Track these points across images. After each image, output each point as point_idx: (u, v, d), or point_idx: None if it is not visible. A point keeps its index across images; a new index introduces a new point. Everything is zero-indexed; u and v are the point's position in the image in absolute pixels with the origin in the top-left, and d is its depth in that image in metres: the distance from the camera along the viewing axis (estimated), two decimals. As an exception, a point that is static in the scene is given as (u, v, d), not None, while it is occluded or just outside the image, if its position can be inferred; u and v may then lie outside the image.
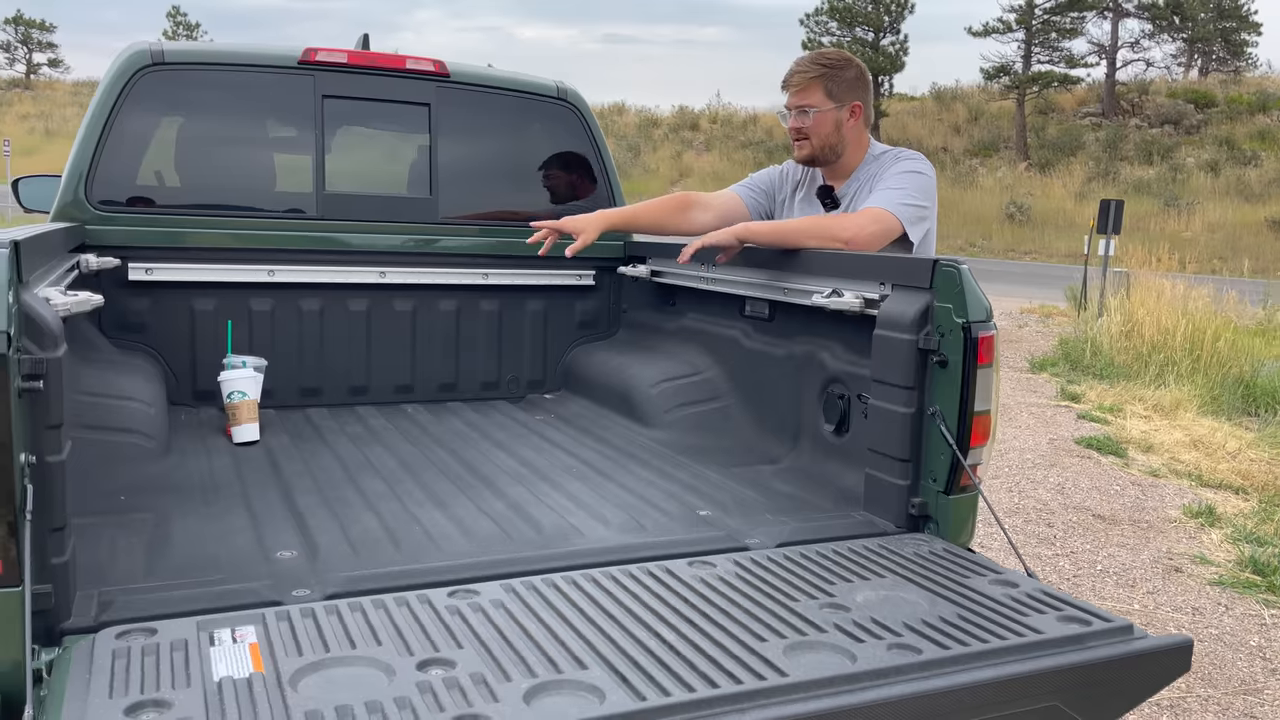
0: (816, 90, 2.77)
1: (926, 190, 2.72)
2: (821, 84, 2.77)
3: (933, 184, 2.76)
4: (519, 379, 3.66)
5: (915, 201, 2.67)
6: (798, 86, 2.80)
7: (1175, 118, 38.74)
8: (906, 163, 2.78)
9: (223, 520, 2.15)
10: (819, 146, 2.80)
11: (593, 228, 2.92)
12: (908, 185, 2.70)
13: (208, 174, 3.21)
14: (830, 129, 2.78)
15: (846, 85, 2.78)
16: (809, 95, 2.78)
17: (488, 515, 2.23)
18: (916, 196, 2.68)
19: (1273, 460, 6.76)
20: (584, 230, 2.91)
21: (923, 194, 2.70)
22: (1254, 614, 4.22)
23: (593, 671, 1.44)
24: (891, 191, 2.68)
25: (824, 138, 2.79)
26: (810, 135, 2.79)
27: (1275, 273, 17.88)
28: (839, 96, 2.78)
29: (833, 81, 2.77)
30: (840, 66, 2.79)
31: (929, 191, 2.73)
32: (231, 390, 2.85)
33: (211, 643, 1.51)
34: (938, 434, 2.17)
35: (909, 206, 2.66)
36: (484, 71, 3.55)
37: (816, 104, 2.78)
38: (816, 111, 2.77)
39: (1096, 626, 1.63)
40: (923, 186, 2.72)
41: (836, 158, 2.83)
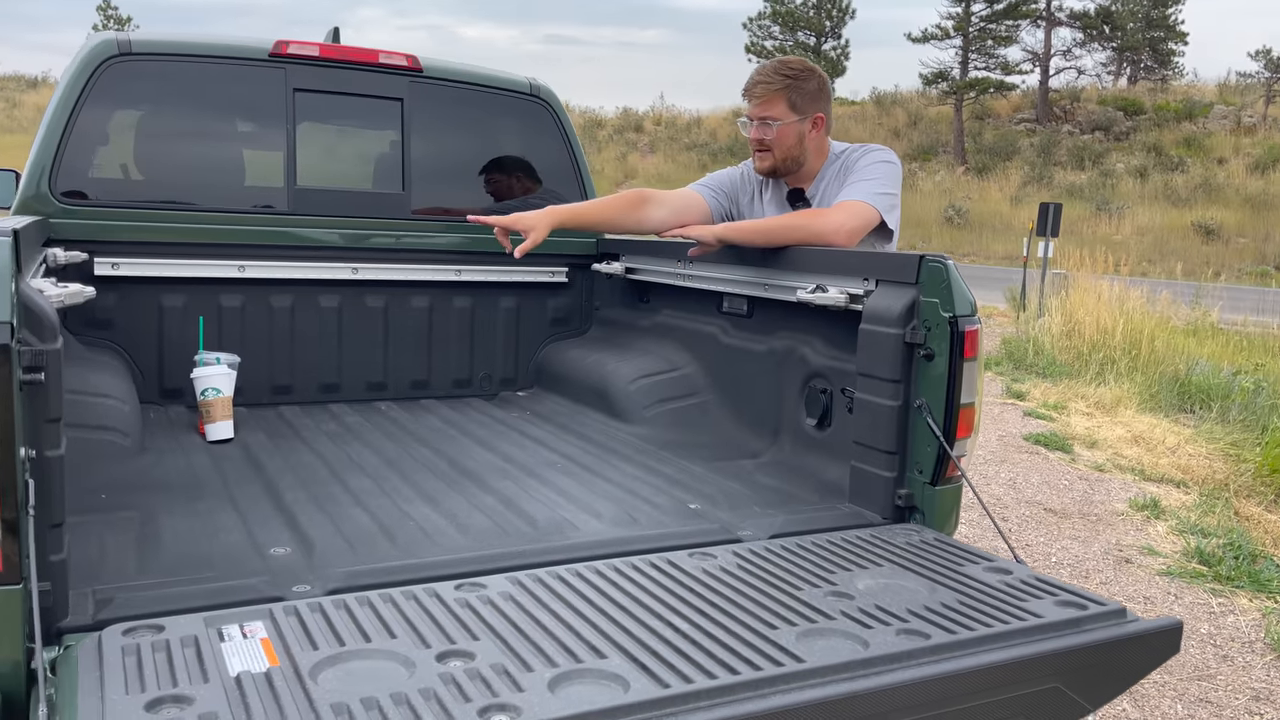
0: (779, 102, 2.74)
1: (896, 179, 2.76)
2: (785, 96, 2.74)
3: (900, 174, 2.79)
4: (491, 376, 3.64)
5: (888, 190, 2.71)
6: (760, 98, 2.76)
7: (1106, 124, 39.85)
8: (875, 154, 2.80)
9: (210, 518, 2.11)
10: (781, 159, 2.79)
11: (542, 225, 2.83)
12: (879, 175, 2.73)
13: (176, 167, 3.15)
14: (793, 142, 2.77)
15: (809, 97, 2.76)
16: (772, 107, 2.75)
17: (480, 510, 2.23)
18: (887, 185, 2.71)
19: (1209, 455, 7.00)
20: (533, 227, 2.82)
21: (893, 183, 2.74)
22: (1202, 602, 4.37)
23: (613, 660, 1.45)
24: (865, 183, 2.71)
25: (786, 150, 2.78)
26: (773, 148, 2.77)
27: (1203, 275, 18.47)
28: (802, 108, 2.75)
29: (796, 93, 2.74)
30: (803, 77, 2.76)
31: (898, 180, 2.77)
32: (206, 387, 2.80)
33: (221, 638, 1.49)
34: (924, 426, 2.22)
35: (884, 195, 2.69)
36: (457, 67, 3.53)
37: (779, 116, 2.75)
38: (780, 124, 2.75)
39: (1092, 610, 1.68)
40: (892, 176, 2.75)
41: (798, 168, 2.83)
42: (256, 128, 3.29)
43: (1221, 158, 34.90)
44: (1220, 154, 35.30)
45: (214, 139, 3.21)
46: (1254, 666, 3.75)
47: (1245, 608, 4.31)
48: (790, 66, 2.78)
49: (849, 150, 2.86)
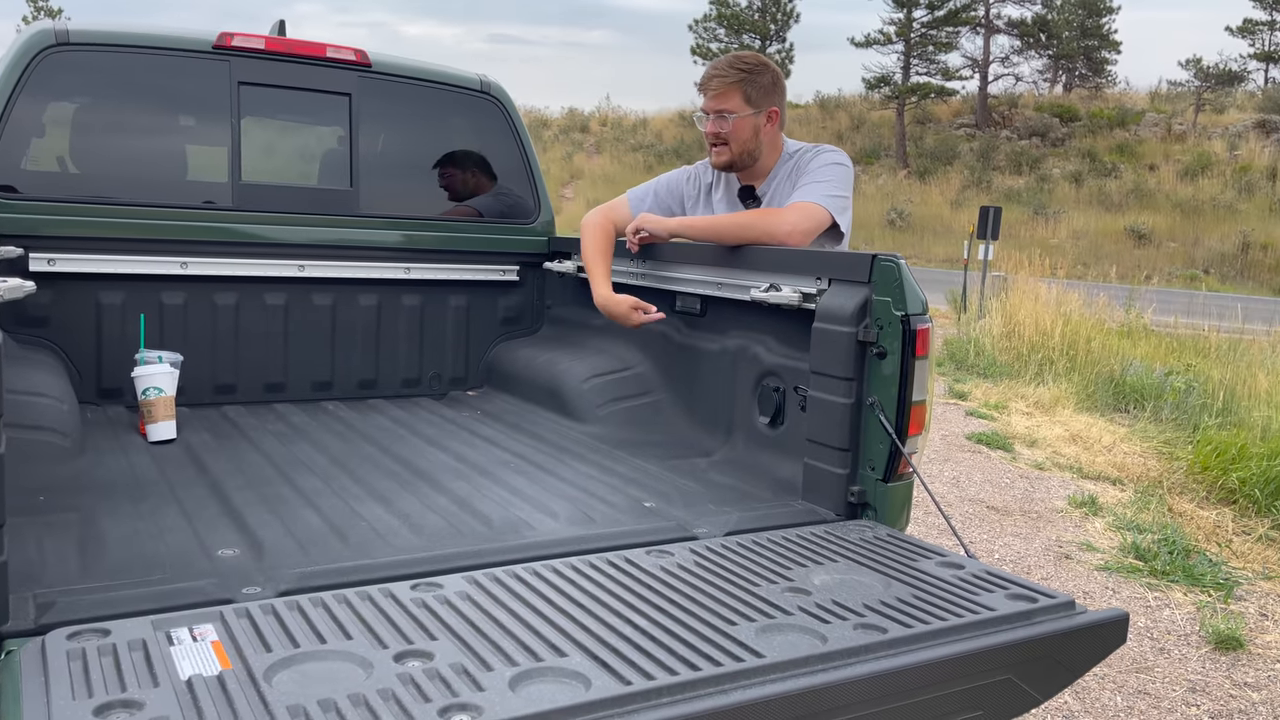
0: (735, 95, 2.76)
1: (847, 181, 2.78)
2: (740, 89, 2.76)
3: (851, 176, 2.82)
4: (441, 375, 3.61)
5: (839, 192, 2.73)
6: (716, 91, 2.77)
7: (1042, 130, 40.76)
8: (827, 155, 2.82)
9: (154, 519, 2.06)
10: (738, 152, 2.81)
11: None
12: (831, 178, 2.75)
13: (115, 161, 3.06)
14: (749, 135, 2.79)
15: (764, 90, 2.78)
16: (727, 100, 2.77)
17: (433, 510, 2.20)
18: (840, 187, 2.74)
19: (1144, 453, 7.20)
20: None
21: (844, 184, 2.76)
22: (1139, 597, 4.49)
23: (573, 659, 1.44)
24: (818, 185, 2.73)
25: (742, 144, 2.79)
26: (729, 141, 2.79)
27: (1136, 279, 18.99)
28: (757, 102, 2.77)
29: (751, 86, 2.76)
30: (758, 71, 2.78)
31: (849, 183, 2.79)
32: (147, 386, 2.72)
33: (171, 642, 1.45)
34: (876, 424, 2.24)
35: (835, 198, 2.71)
36: (406, 62, 3.49)
37: (735, 109, 2.76)
38: (735, 117, 2.76)
39: (1042, 603, 1.71)
40: (844, 178, 2.77)
41: (754, 162, 2.84)
42: (199, 121, 3.22)
43: (1153, 164, 35.91)
44: (1152, 160, 36.32)
45: (155, 132, 3.14)
46: (1190, 659, 3.86)
47: (1180, 601, 4.43)
48: (745, 61, 2.80)
49: (802, 150, 2.87)
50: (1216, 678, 3.72)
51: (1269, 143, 35.54)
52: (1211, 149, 35.72)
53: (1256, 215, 29.72)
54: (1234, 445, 6.36)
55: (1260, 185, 31.91)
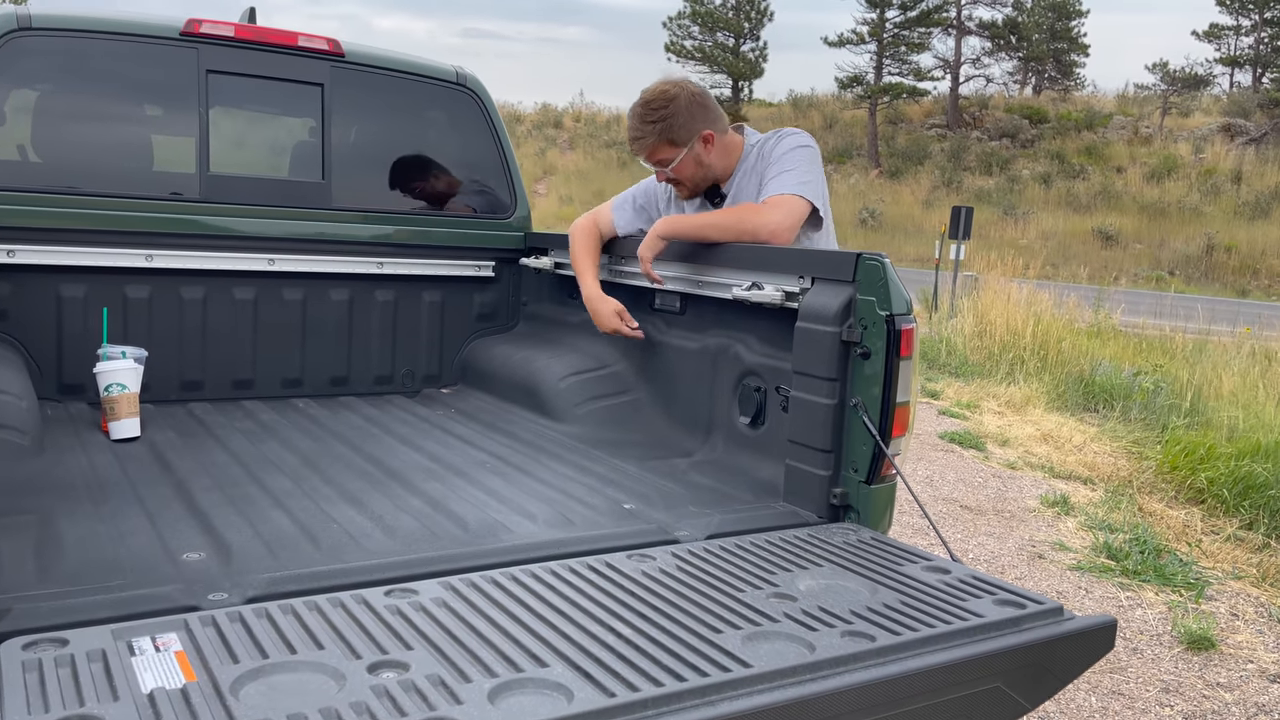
0: (661, 146, 2.72)
1: (816, 161, 2.72)
2: (662, 138, 2.71)
3: (818, 155, 2.75)
4: (414, 373, 3.54)
5: (811, 177, 2.67)
6: (644, 150, 2.75)
7: (1012, 131, 41.13)
8: (789, 139, 2.74)
9: (116, 521, 1.98)
10: (694, 185, 2.79)
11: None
12: (798, 163, 2.68)
13: (79, 150, 2.97)
14: (693, 168, 2.75)
15: (684, 124, 2.70)
16: (658, 153, 2.73)
17: (407, 512, 2.14)
18: (810, 172, 2.68)
19: (1114, 453, 7.25)
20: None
21: (814, 166, 2.70)
22: (1111, 596, 4.50)
23: (555, 669, 1.39)
24: (788, 174, 2.66)
25: (693, 177, 2.76)
26: (680, 179, 2.77)
27: (1104, 280, 19.19)
28: (684, 139, 2.71)
29: (670, 130, 2.70)
30: (670, 111, 2.69)
31: (818, 163, 2.73)
32: (110, 383, 2.64)
33: (132, 652, 1.39)
34: (859, 425, 2.21)
35: (809, 184, 2.65)
36: (380, 53, 3.42)
37: (669, 156, 2.73)
38: (674, 162, 2.73)
39: (1031, 609, 1.68)
40: (811, 158, 2.71)
41: (716, 176, 2.81)
42: (166, 110, 3.13)
43: (1120, 166, 36.35)
44: (1119, 163, 36.76)
45: (120, 121, 3.04)
46: (1163, 659, 3.87)
47: (1152, 601, 4.45)
48: (652, 107, 2.72)
49: (764, 141, 2.81)
50: (1189, 678, 3.73)
51: (1234, 146, 36.08)
52: (1177, 152, 36.21)
53: (1221, 218, 30.17)
54: (1202, 445, 6.42)
55: (1225, 188, 32.39)
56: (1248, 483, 5.82)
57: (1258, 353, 10.05)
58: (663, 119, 2.70)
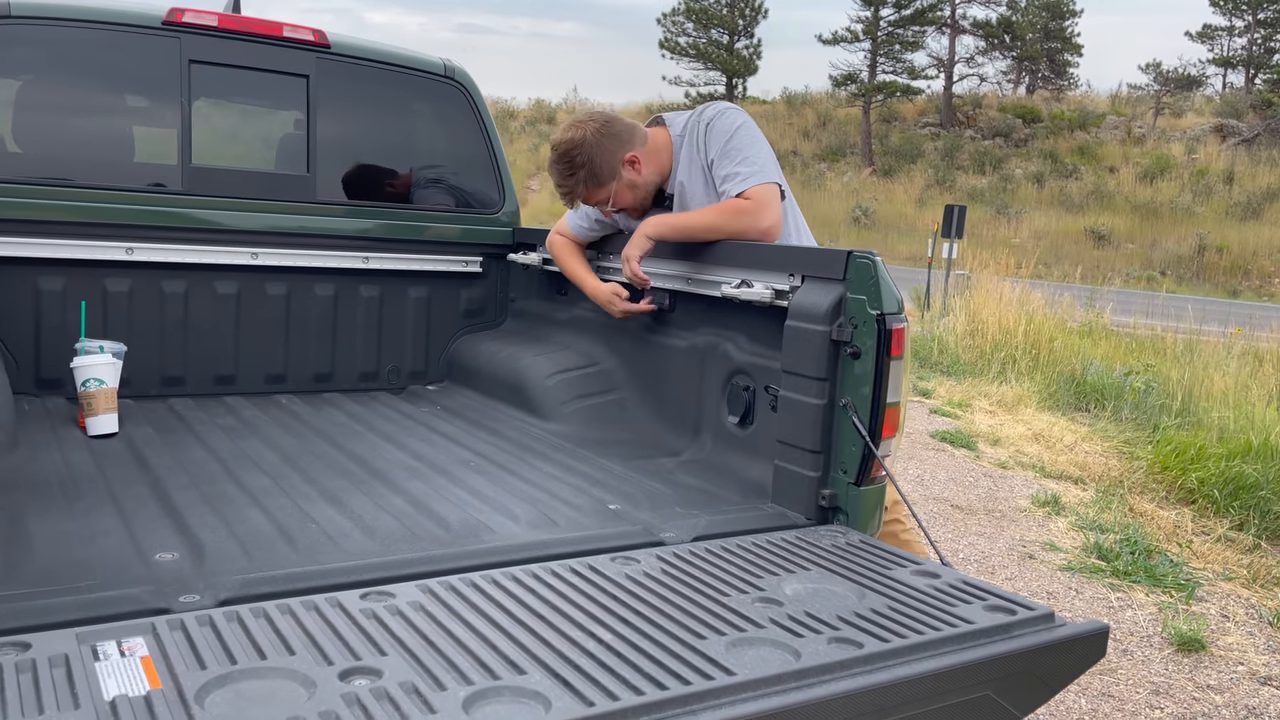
0: (591, 190, 2.71)
1: (758, 135, 2.63)
2: (585, 184, 2.70)
3: (752, 121, 2.66)
4: (400, 369, 3.49)
5: (765, 154, 2.59)
6: (575, 201, 2.75)
7: (1005, 131, 41.17)
8: (721, 120, 2.62)
9: (88, 520, 1.94)
10: (637, 205, 2.76)
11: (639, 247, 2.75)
12: (747, 143, 2.59)
13: (58, 141, 2.92)
14: (629, 195, 2.72)
15: (603, 161, 2.66)
16: (592, 197, 2.72)
17: (388, 511, 2.10)
18: (762, 149, 2.60)
19: (1105, 453, 7.23)
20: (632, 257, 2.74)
21: (760, 141, 2.62)
22: (1102, 597, 4.48)
23: (532, 676, 1.35)
24: (745, 162, 2.56)
25: (633, 199, 2.73)
26: (627, 208, 2.76)
27: (1096, 279, 19.21)
28: (606, 175, 2.68)
29: (590, 174, 2.67)
30: (582, 157, 2.65)
31: (759, 134, 2.64)
32: (87, 378, 2.59)
33: (96, 657, 1.34)
34: (849, 426, 2.17)
35: (765, 160, 2.58)
36: (368, 44, 3.37)
37: (601, 196, 2.72)
38: (610, 198, 2.72)
39: (1021, 615, 1.65)
40: (753, 135, 2.62)
41: (658, 188, 2.76)
42: (148, 101, 3.08)
43: (1113, 166, 36.40)
44: (1111, 163, 36.82)
45: (101, 111, 2.99)
46: (1153, 660, 3.85)
47: (1142, 602, 4.43)
48: (567, 159, 2.68)
49: (688, 126, 2.72)
50: (1179, 680, 3.71)
51: (1226, 147, 36.17)
52: (1170, 152, 36.28)
53: (1213, 218, 30.23)
54: (1193, 446, 6.40)
55: (1217, 188, 32.46)
56: (1238, 483, 5.81)
57: (1248, 353, 10.06)
58: (581, 165, 2.67)
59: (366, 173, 3.40)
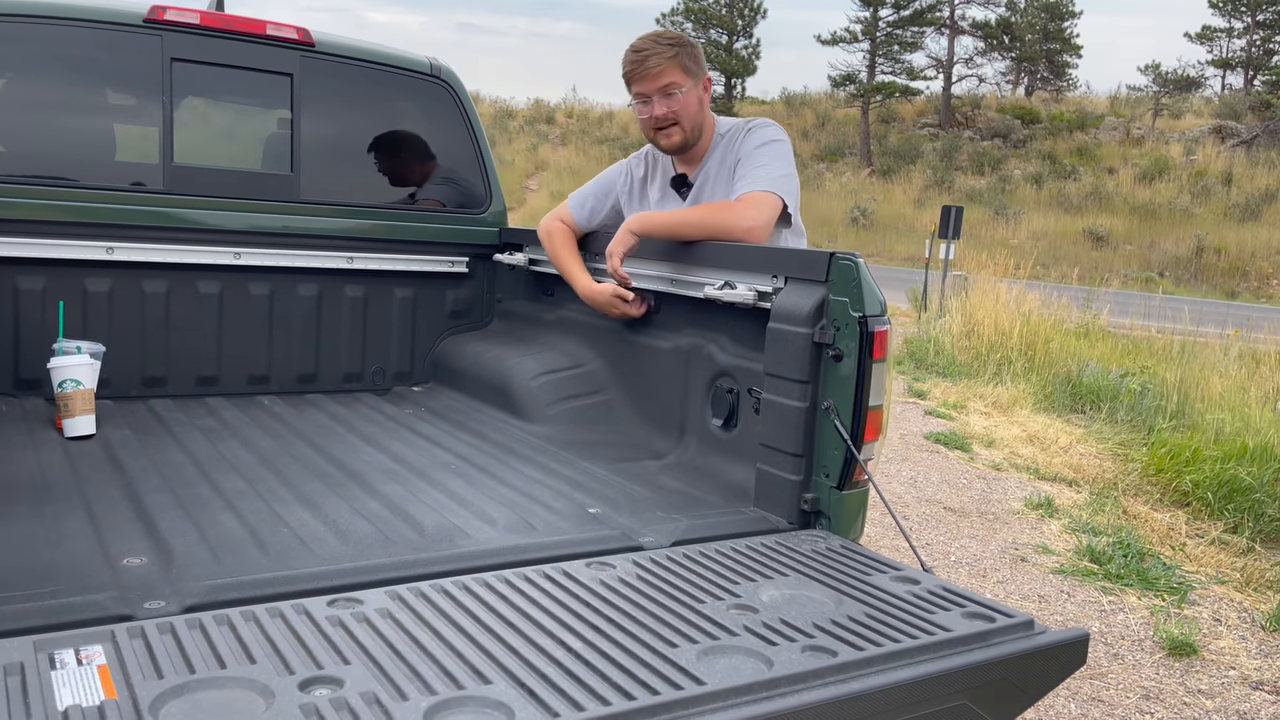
0: (675, 69, 2.64)
1: (786, 155, 2.66)
2: (678, 62, 2.64)
3: (789, 146, 2.69)
4: (385, 370, 3.47)
5: (783, 171, 2.61)
6: (656, 69, 2.64)
7: (1004, 131, 41.13)
8: (761, 132, 2.69)
9: (56, 523, 1.91)
10: (690, 128, 2.69)
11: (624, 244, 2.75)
12: (769, 158, 2.62)
13: (38, 139, 2.89)
14: (696, 107, 2.69)
15: (695, 59, 2.70)
16: (670, 76, 2.64)
17: (363, 515, 2.07)
18: (782, 165, 2.62)
19: (1099, 455, 7.21)
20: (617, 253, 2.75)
21: (785, 161, 2.64)
22: (1093, 600, 4.45)
23: (497, 686, 1.32)
24: (762, 170, 2.60)
25: (692, 117, 2.68)
26: (680, 118, 2.67)
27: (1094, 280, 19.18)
28: (694, 72, 2.68)
29: (686, 57, 2.66)
30: (685, 42, 2.70)
31: (789, 154, 2.67)
32: (64, 379, 2.56)
33: (53, 665, 1.32)
34: (831, 429, 2.15)
35: (781, 178, 2.60)
36: (352, 43, 3.34)
37: (680, 82, 2.65)
38: (682, 91, 2.65)
39: (1000, 623, 1.63)
40: (782, 153, 2.65)
41: (700, 138, 2.74)
42: (129, 99, 3.05)
43: (1111, 167, 36.36)
44: (1110, 164, 36.77)
45: (81, 110, 2.97)
46: (1144, 665, 3.82)
47: (1134, 605, 4.41)
48: (669, 35, 2.70)
49: (733, 129, 2.75)
50: (1170, 684, 3.68)
51: (1224, 148, 36.15)
52: (1168, 153, 36.25)
53: (1211, 219, 30.20)
54: (1187, 448, 6.38)
55: (1215, 190, 32.43)
56: (1232, 486, 5.78)
57: (1245, 355, 10.03)
58: (682, 45, 2.66)
59: (352, 172, 3.37)
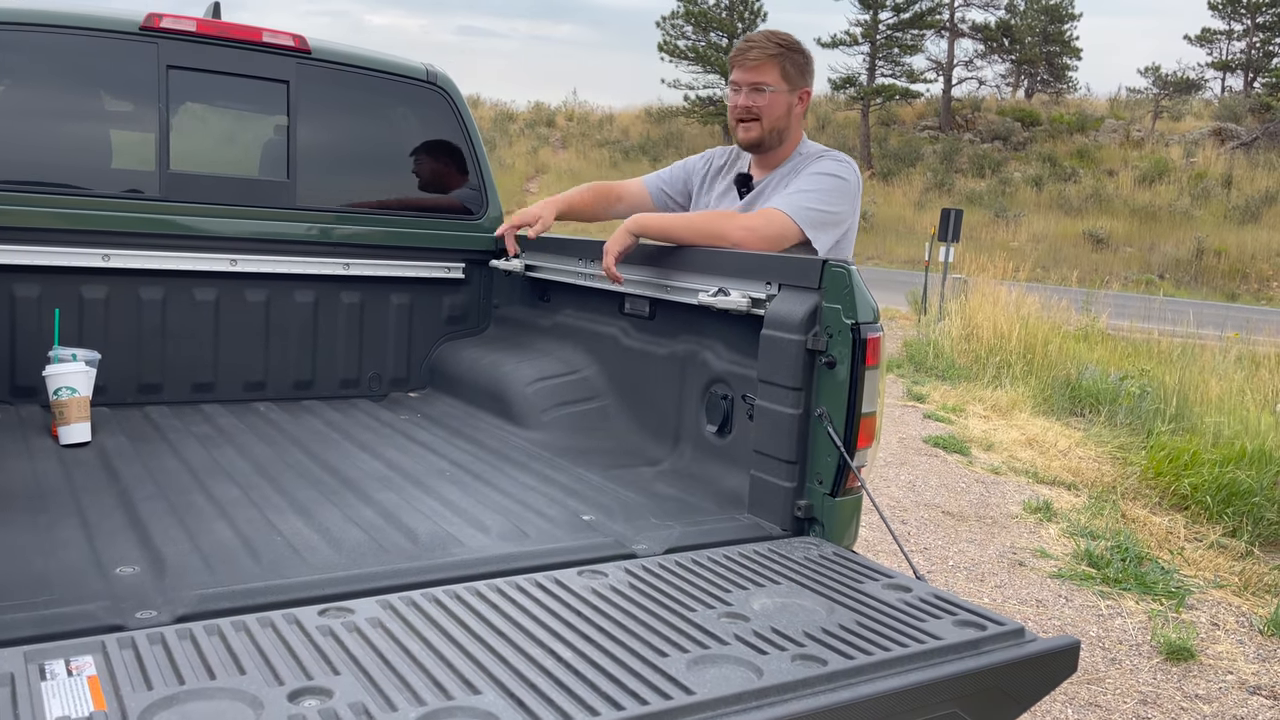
0: (773, 69, 2.64)
1: (841, 193, 2.60)
2: (779, 63, 2.65)
3: (852, 188, 2.63)
4: (381, 376, 3.47)
5: (822, 205, 2.56)
6: (755, 62, 2.64)
7: (1004, 134, 41.12)
8: (825, 163, 2.66)
9: (50, 532, 1.91)
10: (769, 129, 2.66)
11: (547, 212, 3.05)
12: (818, 187, 2.58)
13: (34, 147, 2.89)
14: (782, 112, 2.66)
15: (800, 69, 2.68)
16: (765, 73, 2.64)
17: (356, 523, 2.07)
18: (826, 200, 2.57)
19: (1098, 458, 7.21)
20: (538, 217, 3.05)
21: (835, 197, 2.59)
22: (1091, 605, 4.45)
23: (486, 696, 1.33)
24: (798, 194, 2.57)
25: (775, 120, 2.66)
26: (762, 116, 2.65)
27: (1094, 283, 19.18)
28: (793, 79, 2.67)
29: (789, 62, 2.66)
30: (797, 49, 2.68)
31: (845, 195, 2.61)
32: (59, 386, 2.57)
33: (43, 676, 1.32)
34: (824, 436, 2.15)
35: (813, 210, 2.54)
36: (348, 49, 3.35)
37: (773, 83, 2.64)
38: (772, 91, 2.64)
39: (991, 630, 1.63)
40: (836, 189, 2.60)
41: (779, 144, 2.72)
42: (125, 106, 3.06)
43: (1111, 169, 36.34)
44: (1110, 166, 36.76)
45: (77, 117, 2.97)
46: (1141, 669, 3.82)
47: (1132, 610, 4.40)
48: (784, 37, 2.70)
49: (811, 153, 2.73)
50: (1168, 689, 3.68)
51: (1224, 150, 36.14)
52: (1168, 155, 36.25)
53: (1211, 221, 30.19)
54: (1186, 451, 6.38)
55: (1215, 192, 32.42)
56: (1231, 489, 5.78)
57: (1244, 357, 10.03)
58: (791, 49, 2.67)
59: (348, 178, 3.38)
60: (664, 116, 44.78)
